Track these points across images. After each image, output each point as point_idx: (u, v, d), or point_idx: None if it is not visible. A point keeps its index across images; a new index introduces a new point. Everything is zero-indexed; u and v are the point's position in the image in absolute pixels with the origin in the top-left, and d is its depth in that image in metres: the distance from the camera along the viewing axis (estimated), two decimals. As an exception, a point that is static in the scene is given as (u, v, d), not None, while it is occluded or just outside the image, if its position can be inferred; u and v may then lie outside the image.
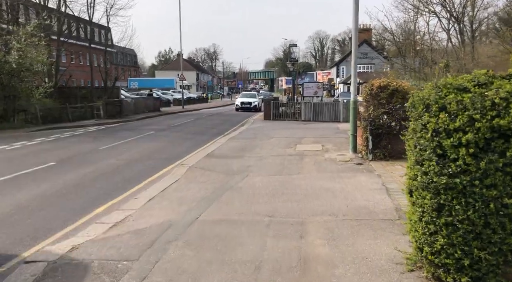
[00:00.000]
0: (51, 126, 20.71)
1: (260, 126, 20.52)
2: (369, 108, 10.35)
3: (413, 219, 3.68)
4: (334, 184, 7.78)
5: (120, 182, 8.72)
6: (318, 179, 8.28)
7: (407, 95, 10.11)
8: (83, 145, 14.12)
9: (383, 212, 5.95)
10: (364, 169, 9.23)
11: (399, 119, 10.19)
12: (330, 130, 17.84)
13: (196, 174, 9.09)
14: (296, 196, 6.96)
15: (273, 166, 9.77)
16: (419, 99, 3.65)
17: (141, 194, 7.63)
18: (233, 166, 9.96)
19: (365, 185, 7.61)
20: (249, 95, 38.47)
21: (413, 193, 3.64)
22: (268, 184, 7.92)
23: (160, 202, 6.93)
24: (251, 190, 7.50)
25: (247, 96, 37.29)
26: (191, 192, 7.48)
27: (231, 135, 16.85)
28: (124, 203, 7.08)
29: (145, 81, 67.91)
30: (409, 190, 3.75)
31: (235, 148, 12.84)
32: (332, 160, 10.52)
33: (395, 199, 6.63)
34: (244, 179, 8.51)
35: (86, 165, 10.49)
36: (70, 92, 29.08)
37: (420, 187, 3.49)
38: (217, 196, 7.13)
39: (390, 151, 10.18)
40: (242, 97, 37.56)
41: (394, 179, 8.06)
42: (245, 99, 35.49)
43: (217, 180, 8.48)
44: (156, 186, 8.15)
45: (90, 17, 29.12)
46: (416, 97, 3.71)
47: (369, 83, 10.56)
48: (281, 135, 16.15)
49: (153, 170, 9.91)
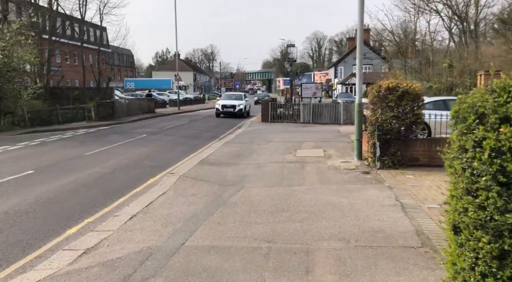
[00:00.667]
0: (39, 129, 19.77)
1: (257, 129, 19.62)
2: (377, 111, 9.47)
3: (460, 265, 2.79)
4: (341, 198, 6.89)
5: (101, 194, 7.80)
6: (323, 191, 7.39)
7: (418, 98, 9.28)
8: (68, 150, 13.18)
9: (403, 236, 5.06)
10: (373, 179, 8.34)
11: (409, 124, 9.34)
12: (331, 134, 16.97)
13: (186, 185, 8.18)
14: (299, 214, 6.06)
15: (272, 176, 8.87)
16: (467, 107, 2.77)
17: (123, 210, 6.72)
18: (228, 175, 9.06)
19: (376, 200, 6.73)
20: (234, 96, 30.57)
21: (461, 231, 2.75)
22: (266, 198, 7.03)
23: (142, 221, 6.02)
24: (247, 205, 6.61)
25: (230, 98, 29.73)
26: (179, 208, 6.57)
27: (227, 139, 15.95)
28: (102, 222, 6.17)
29: (141, 81, 67.05)
30: (454, 227, 2.86)
31: (231, 154, 11.94)
32: (336, 168, 9.63)
33: (413, 218, 5.74)
34: (239, 191, 7.61)
35: (66, 173, 9.56)
36: (62, 93, 28.12)
37: (473, 225, 2.60)
38: (208, 214, 6.23)
39: (400, 158, 9.31)
40: (224, 99, 29.88)
41: (407, 192, 7.18)
42: (228, 101, 28.59)
43: (210, 192, 7.58)
44: (141, 200, 7.24)
45: (82, 16, 28.22)
46: (463, 104, 2.82)
47: (376, 84, 9.68)
48: (280, 139, 15.26)
49: (140, 179, 9.00)
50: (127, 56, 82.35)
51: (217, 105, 28.20)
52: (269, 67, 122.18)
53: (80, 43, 29.38)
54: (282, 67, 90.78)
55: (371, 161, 9.59)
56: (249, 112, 29.10)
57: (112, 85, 58.29)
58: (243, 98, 29.43)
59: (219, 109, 27.61)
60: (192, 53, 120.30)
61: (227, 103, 28.07)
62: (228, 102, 28.41)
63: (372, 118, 9.44)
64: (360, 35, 10.44)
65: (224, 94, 33.70)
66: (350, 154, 11.58)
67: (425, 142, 9.62)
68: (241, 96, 30.31)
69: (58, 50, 37.98)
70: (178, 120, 25.53)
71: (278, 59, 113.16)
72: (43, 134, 17.98)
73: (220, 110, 27.52)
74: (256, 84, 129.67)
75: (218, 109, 27.66)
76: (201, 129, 20.20)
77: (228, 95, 31.98)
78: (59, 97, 26.70)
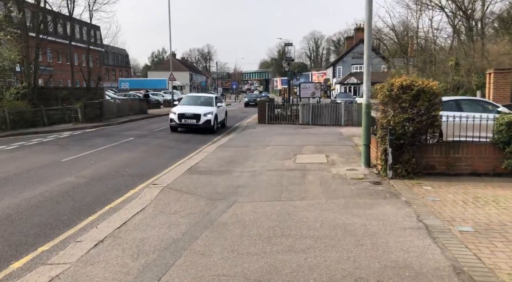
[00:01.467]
0: (21, 131, 18.55)
1: (254, 131, 18.47)
2: (388, 113, 8.34)
3: None
4: (351, 217, 5.75)
5: (68, 211, 6.63)
6: (329, 208, 6.25)
7: (435, 98, 8.16)
8: (44, 156, 11.97)
9: (437, 276, 3.92)
10: (386, 191, 7.20)
11: (425, 127, 8.22)
12: (333, 136, 15.84)
13: (169, 199, 7.02)
14: (303, 240, 4.92)
15: (269, 187, 7.73)
16: None
17: (90, 233, 5.55)
18: (219, 185, 7.91)
19: (394, 220, 5.59)
20: (200, 100, 19.82)
21: None
22: (262, 217, 5.88)
23: (109, 249, 4.87)
24: (239, 227, 5.46)
25: (194, 103, 19.20)
26: (157, 231, 5.42)
27: (220, 142, 14.80)
28: (59, 250, 5.00)
29: (136, 81, 65.81)
30: None
31: (224, 160, 10.79)
32: (341, 177, 8.50)
33: (445, 247, 4.61)
34: (231, 207, 6.46)
35: (34, 184, 8.38)
36: (50, 93, 26.86)
37: None
38: (191, 239, 5.08)
39: (414, 166, 8.19)
40: (184, 103, 19.47)
41: (430, 209, 6.05)
42: (188, 108, 18.16)
43: (195, 209, 6.42)
44: (113, 219, 6.08)
45: (70, 12, 26.97)
46: None
47: (387, 82, 8.55)
48: (278, 142, 14.12)
49: (118, 192, 7.84)
50: (122, 56, 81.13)
51: (172, 114, 18.00)
52: (267, 67, 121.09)
53: (69, 41, 28.12)
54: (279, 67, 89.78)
55: (382, 169, 8.46)
56: (224, 123, 20.74)
57: (107, 85, 57.24)
58: (213, 102, 19.24)
59: (175, 120, 17.71)
60: (189, 53, 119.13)
61: (186, 112, 17.76)
62: (188, 109, 18.03)
63: (383, 121, 8.31)
64: (368, 25, 9.31)
65: (186, 97, 21.74)
66: (355, 159, 10.47)
67: (442, 147, 8.51)
68: (211, 100, 19.70)
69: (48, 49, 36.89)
70: (171, 121, 24.30)
71: (276, 59, 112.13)
72: (24, 137, 16.77)
73: (176, 123, 17.71)
74: (254, 84, 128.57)
75: (174, 121, 17.75)
76: (195, 132, 19.00)
77: (191, 98, 20.66)
78: (48, 97, 25.46)
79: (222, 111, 20.24)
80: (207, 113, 17.88)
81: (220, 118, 19.51)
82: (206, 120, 17.71)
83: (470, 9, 24.16)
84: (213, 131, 17.94)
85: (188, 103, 19.28)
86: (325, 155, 11.31)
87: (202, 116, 17.65)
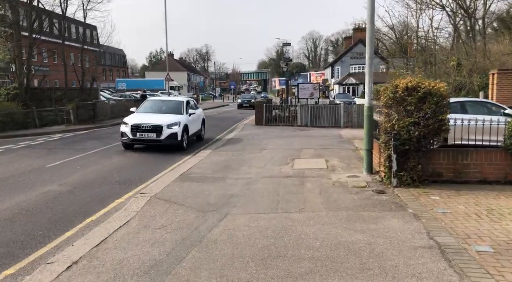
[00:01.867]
0: (10, 133, 17.95)
1: (250, 133, 17.91)
2: (392, 117, 7.80)
3: None
4: (355, 233, 5.20)
5: (44, 226, 6.05)
6: (330, 222, 5.70)
7: (442, 100, 7.63)
8: (30, 161, 11.38)
9: (458, 311, 3.38)
10: (391, 202, 6.66)
11: (431, 132, 7.67)
12: (332, 139, 15.31)
13: (156, 211, 6.46)
14: (301, 263, 4.36)
15: (265, 196, 7.17)
16: None
17: (64, 252, 4.99)
18: (211, 195, 7.35)
19: (403, 237, 5.04)
20: (166, 106, 14.69)
21: None
22: (256, 233, 5.33)
23: (83, 273, 4.30)
24: (230, 246, 4.90)
25: (158, 110, 14.48)
26: (139, 251, 4.86)
27: (215, 145, 14.25)
28: (26, 275, 4.44)
29: (133, 82, 65.26)
30: None
31: (218, 165, 10.23)
32: (342, 185, 7.95)
33: (463, 272, 4.06)
34: (222, 220, 5.91)
35: (12, 193, 7.80)
36: (43, 94, 26.28)
37: None
38: (175, 261, 4.52)
39: (420, 174, 7.64)
40: (142, 112, 14.24)
41: (441, 223, 5.50)
42: (147, 118, 13.39)
43: (184, 222, 5.87)
44: (92, 235, 5.51)
45: (64, 11, 26.35)
46: None
47: (391, 84, 8.01)
48: (275, 146, 13.58)
49: (102, 202, 7.26)
50: (120, 56, 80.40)
51: (124, 126, 13.02)
52: (265, 67, 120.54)
53: (62, 41, 27.47)
54: (277, 67, 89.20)
55: (385, 176, 7.92)
56: (201, 135, 15.78)
57: (104, 85, 56.56)
58: (182, 109, 14.13)
59: (127, 135, 12.81)
60: (187, 53, 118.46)
61: (143, 123, 12.84)
62: (146, 119, 13.12)
63: (387, 125, 7.76)
64: (371, 22, 8.76)
65: (147, 101, 15.84)
66: (356, 165, 9.93)
67: (450, 153, 7.96)
68: (179, 106, 14.43)
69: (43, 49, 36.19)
70: (166, 123, 23.69)
71: (274, 59, 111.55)
72: (13, 140, 16.16)
73: (129, 138, 12.83)
74: (252, 84, 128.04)
75: (126, 135, 12.87)
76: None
77: (153, 103, 15.40)
78: (41, 98, 24.86)
79: (196, 120, 14.84)
80: (172, 125, 12.71)
81: (193, 130, 14.26)
82: (171, 134, 12.58)
83: (472, 7, 23.64)
84: (181, 148, 12.96)
85: (148, 111, 14.05)
86: (325, 159, 10.77)
87: (164, 129, 12.52)
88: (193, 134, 14.53)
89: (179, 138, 12.87)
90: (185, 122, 13.39)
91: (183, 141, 13.10)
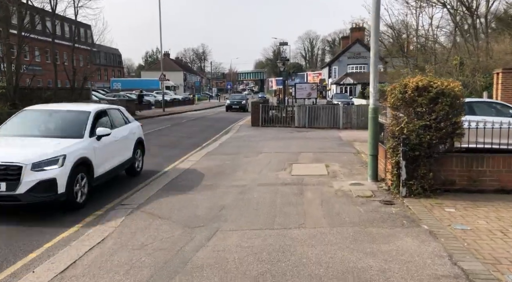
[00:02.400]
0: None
1: (246, 135, 17.16)
2: (401, 120, 7.07)
3: None
4: (365, 258, 4.46)
5: (8, 245, 5.27)
6: (335, 241, 4.95)
7: (456, 101, 6.91)
8: None
9: None
10: (402, 216, 5.92)
11: (444, 136, 6.95)
12: (332, 141, 14.58)
13: (137, 226, 5.70)
14: (302, 298, 3.62)
15: (260, 209, 6.42)
16: None
17: (25, 278, 4.23)
18: (200, 206, 6.60)
19: (421, 263, 4.30)
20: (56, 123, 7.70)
21: None
22: (250, 255, 4.58)
23: (38, 311, 3.54)
24: (218, 274, 4.15)
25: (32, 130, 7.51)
26: (110, 279, 4.10)
27: (209, 148, 13.48)
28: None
29: (128, 82, 64.43)
30: None
31: (210, 170, 9.48)
32: (346, 194, 7.21)
33: (500, 310, 3.32)
34: (211, 239, 5.16)
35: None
36: (33, 94, 25.45)
37: None
38: (152, 295, 3.76)
39: (431, 182, 6.92)
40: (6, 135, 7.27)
41: (463, 243, 4.77)
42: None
43: (167, 241, 5.11)
44: (58, 258, 4.74)
45: (53, 8, 25.50)
46: None
47: (400, 83, 7.28)
48: (272, 148, 12.83)
49: (76, 216, 6.48)
50: (115, 56, 79.43)
51: None
52: (262, 67, 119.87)
53: (51, 39, 26.64)
54: (274, 67, 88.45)
55: (392, 185, 7.19)
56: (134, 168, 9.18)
57: (99, 85, 55.62)
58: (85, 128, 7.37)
59: None
60: (183, 53, 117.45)
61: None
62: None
63: (395, 128, 7.02)
64: (376, 15, 8.03)
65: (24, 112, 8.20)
66: (359, 170, 9.21)
67: (463, 159, 7.23)
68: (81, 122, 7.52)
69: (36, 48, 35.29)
70: (159, 124, 22.93)
71: (271, 59, 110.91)
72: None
73: None
74: (249, 84, 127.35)
75: None
76: (183, 135, 17.67)
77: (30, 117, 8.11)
78: (31, 98, 23.94)
79: (118, 144, 8.33)
80: (47, 162, 6.23)
81: (111, 164, 7.91)
82: (41, 182, 6.08)
83: (474, 5, 23.01)
84: (74, 207, 6.61)
85: (15, 132, 7.55)
86: (325, 164, 10.03)
87: (27, 172, 6.02)
88: (112, 170, 7.97)
89: (62, 191, 6.26)
90: (81, 153, 6.83)
91: (73, 192, 6.51)
